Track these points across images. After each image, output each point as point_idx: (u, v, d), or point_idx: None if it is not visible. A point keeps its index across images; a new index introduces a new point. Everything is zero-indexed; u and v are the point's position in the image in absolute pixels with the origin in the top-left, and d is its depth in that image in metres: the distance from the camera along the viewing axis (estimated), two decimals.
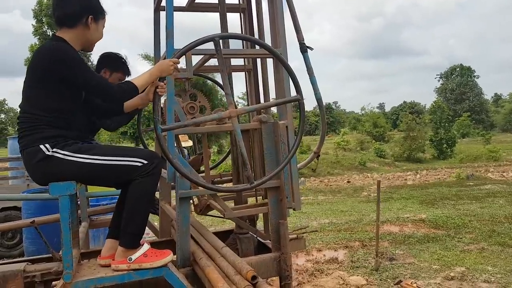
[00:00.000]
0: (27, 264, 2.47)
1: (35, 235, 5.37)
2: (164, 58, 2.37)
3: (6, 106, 75.20)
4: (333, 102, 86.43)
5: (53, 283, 2.37)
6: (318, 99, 2.98)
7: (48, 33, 40.79)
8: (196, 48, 2.14)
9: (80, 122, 2.09)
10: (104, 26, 2.16)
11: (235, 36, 2.23)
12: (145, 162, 1.98)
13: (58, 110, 1.94)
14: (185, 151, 6.78)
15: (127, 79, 2.91)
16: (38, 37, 40.94)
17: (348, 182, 18.42)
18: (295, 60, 3.09)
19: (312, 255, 5.55)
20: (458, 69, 73.91)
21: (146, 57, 21.15)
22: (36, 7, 40.43)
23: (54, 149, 1.90)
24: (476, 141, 41.44)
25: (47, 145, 1.90)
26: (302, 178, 17.51)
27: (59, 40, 2.01)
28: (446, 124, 34.53)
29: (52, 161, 1.89)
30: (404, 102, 73.74)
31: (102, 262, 2.08)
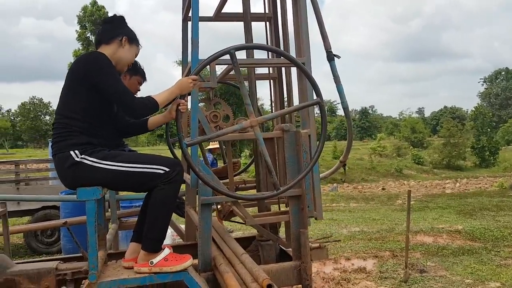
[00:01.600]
0: (59, 262, 2.61)
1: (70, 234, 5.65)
2: (189, 68, 2.45)
3: (50, 109, 78.84)
4: (369, 106, 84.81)
5: (83, 281, 2.49)
6: (345, 108, 2.97)
7: (91, 39, 42.53)
8: (220, 58, 2.20)
9: (109, 130, 2.20)
10: (136, 55, 2.35)
11: (251, 47, 2.27)
12: (167, 169, 2.06)
13: (89, 117, 2.06)
14: (211, 156, 6.87)
15: (144, 83, 3.07)
16: (81, 42, 42.73)
17: (383, 189, 18.05)
18: (326, 65, 3.07)
19: (340, 263, 5.49)
20: (503, 72, 70.83)
21: (181, 62, 21.63)
22: (80, 13, 42.25)
23: (83, 156, 2.02)
24: None
25: (76, 152, 2.01)
26: (335, 184, 17.30)
27: (99, 52, 2.16)
28: (489, 130, 33.13)
29: (80, 167, 2.01)
30: (445, 107, 71.47)
31: (125, 264, 2.17)
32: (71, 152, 2.01)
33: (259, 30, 3.20)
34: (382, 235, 7.19)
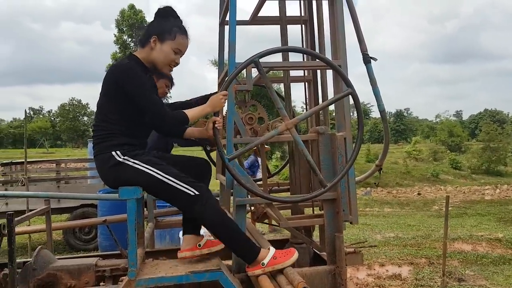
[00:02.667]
0: (99, 259, 2.70)
1: (108, 231, 5.82)
2: (226, 71, 2.48)
3: (88, 110, 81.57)
4: (404, 109, 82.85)
5: (121, 278, 2.56)
6: (382, 111, 2.93)
7: (128, 42, 43.74)
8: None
9: (145, 131, 2.27)
10: (176, 51, 2.22)
11: (275, 51, 2.25)
12: (197, 193, 2.09)
13: (125, 120, 2.12)
14: (252, 158, 6.90)
15: (172, 87, 3.11)
16: (119, 46, 43.99)
17: (419, 194, 17.54)
18: (360, 67, 3.03)
19: (374, 269, 5.38)
20: None
21: (215, 63, 21.89)
22: (118, 17, 43.54)
23: (126, 157, 2.08)
24: None
25: (118, 152, 2.08)
26: (368, 188, 16.99)
27: (131, 59, 2.20)
28: None
29: (122, 167, 2.07)
30: (485, 110, 68.82)
31: (181, 255, 2.26)
32: (113, 153, 2.08)
33: (294, 33, 3.20)
34: (418, 241, 6.99)
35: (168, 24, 2.22)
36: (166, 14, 2.26)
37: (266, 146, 4.03)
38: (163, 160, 2.18)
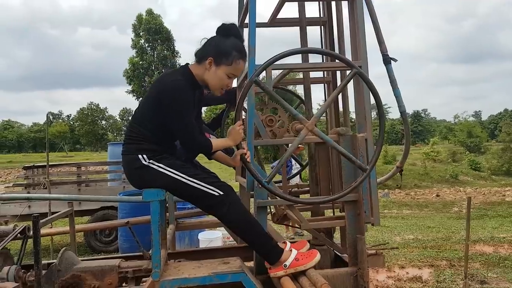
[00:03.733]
0: (122, 260, 2.73)
1: (128, 233, 5.86)
2: (246, 74, 2.49)
3: (106, 114, 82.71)
4: (422, 110, 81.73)
5: (143, 279, 2.59)
6: (402, 112, 2.90)
7: (145, 47, 44.27)
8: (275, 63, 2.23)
9: (175, 141, 2.30)
10: (230, 75, 2.19)
11: (282, 56, 2.22)
12: (221, 193, 2.11)
13: (159, 130, 2.15)
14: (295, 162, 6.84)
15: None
16: (136, 50, 44.54)
17: (437, 196, 17.28)
18: (378, 67, 3.02)
19: (394, 271, 5.32)
20: None
21: None
22: (135, 22, 44.14)
23: (151, 161, 2.12)
24: None
25: (144, 156, 2.12)
26: (386, 190, 16.80)
27: (184, 74, 2.17)
28: None
29: (147, 170, 2.11)
30: (505, 110, 67.39)
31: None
32: (139, 156, 2.12)
33: (311, 34, 3.19)
34: (438, 243, 6.90)
35: (228, 45, 2.15)
36: (228, 33, 2.18)
37: (300, 145, 4.02)
38: (187, 162, 2.21)
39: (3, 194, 5.11)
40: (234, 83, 2.80)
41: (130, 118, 2.29)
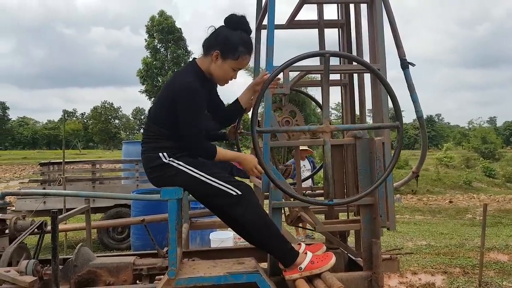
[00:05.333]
0: (136, 258, 2.76)
1: (141, 231, 5.92)
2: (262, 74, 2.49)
3: (120, 113, 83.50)
4: (435, 115, 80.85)
5: (157, 277, 2.61)
6: (419, 118, 2.88)
7: (159, 47, 44.63)
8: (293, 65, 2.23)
9: None
10: (235, 69, 2.22)
11: (294, 61, 2.20)
12: (240, 193, 2.12)
13: (175, 128, 2.16)
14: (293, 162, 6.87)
15: None
16: (149, 51, 44.90)
17: (450, 202, 17.06)
18: (392, 70, 3.00)
19: (406, 277, 5.27)
20: None
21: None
22: (148, 23, 44.52)
23: (171, 159, 2.14)
24: None
25: (165, 154, 2.14)
26: (398, 195, 16.66)
27: (193, 71, 2.20)
28: None
29: (167, 168, 2.14)
30: None
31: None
32: (160, 154, 2.14)
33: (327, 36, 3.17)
34: (451, 250, 6.81)
35: (234, 40, 2.15)
36: (235, 26, 2.19)
37: (308, 149, 4.02)
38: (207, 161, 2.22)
39: (21, 190, 5.19)
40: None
41: (143, 117, 2.31)
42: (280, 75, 2.30)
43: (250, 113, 2.30)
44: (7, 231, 2.98)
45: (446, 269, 5.59)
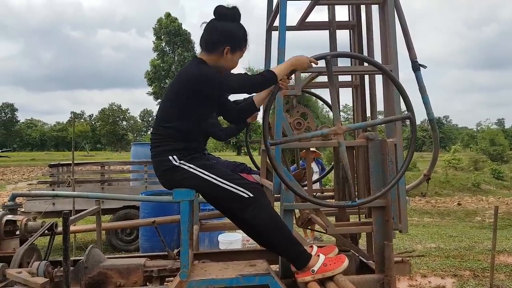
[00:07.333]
0: (147, 259, 2.76)
1: (150, 233, 5.92)
2: None
3: (127, 115, 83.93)
4: (443, 117, 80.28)
5: (167, 279, 2.61)
6: (431, 120, 2.86)
7: (166, 49, 44.88)
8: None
9: (201, 136, 2.30)
10: (241, 57, 2.28)
11: (346, 55, 2.23)
12: (251, 195, 2.11)
13: (186, 128, 2.16)
14: (302, 164, 6.85)
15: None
16: (157, 53, 45.11)
17: (459, 204, 16.89)
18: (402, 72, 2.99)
19: (416, 280, 5.23)
20: None
21: (249, 70, 22.16)
22: (156, 25, 44.77)
23: (182, 161, 2.13)
24: None
25: (175, 157, 2.14)
26: (407, 197, 16.53)
27: (201, 62, 2.20)
28: None
29: (178, 171, 2.13)
30: None
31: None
32: (170, 157, 2.13)
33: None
34: (461, 253, 6.74)
35: (240, 33, 2.22)
36: (236, 19, 2.23)
37: (316, 151, 4.01)
38: (218, 163, 2.22)
39: (32, 191, 5.23)
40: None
41: (151, 119, 2.30)
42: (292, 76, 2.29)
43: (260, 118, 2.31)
44: (18, 232, 2.99)
45: (456, 272, 5.54)
